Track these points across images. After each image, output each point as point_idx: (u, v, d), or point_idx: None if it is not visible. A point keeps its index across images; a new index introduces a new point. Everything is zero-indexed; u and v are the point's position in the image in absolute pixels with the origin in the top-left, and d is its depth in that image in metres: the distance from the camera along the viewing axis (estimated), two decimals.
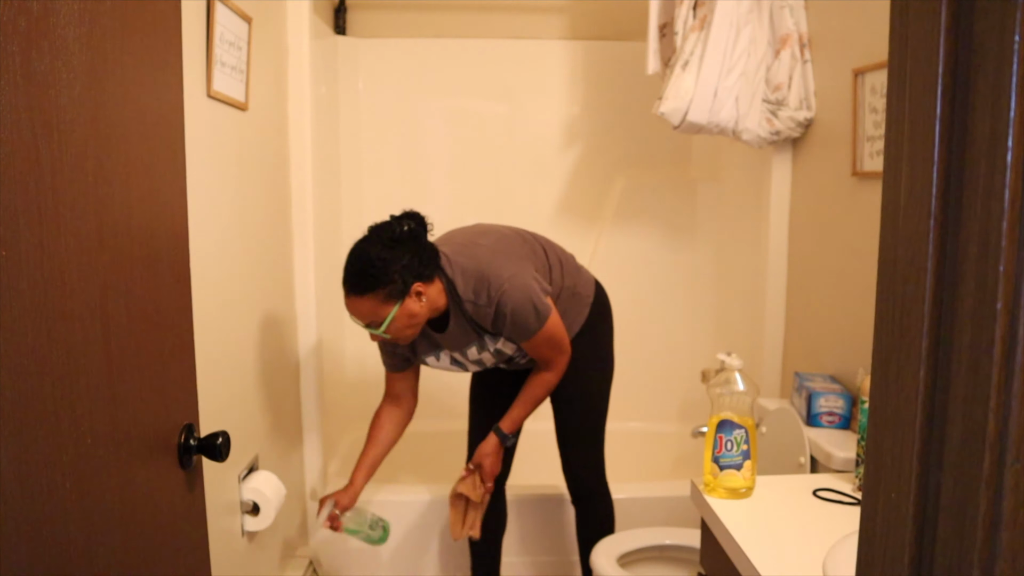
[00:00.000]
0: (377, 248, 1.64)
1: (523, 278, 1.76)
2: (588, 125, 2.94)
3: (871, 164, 1.89)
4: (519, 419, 1.95)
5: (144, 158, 0.93)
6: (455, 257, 1.76)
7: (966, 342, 0.37)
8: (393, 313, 1.66)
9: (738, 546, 1.16)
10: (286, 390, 2.13)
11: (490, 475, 1.95)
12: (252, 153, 1.82)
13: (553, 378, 1.91)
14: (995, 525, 0.36)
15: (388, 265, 1.63)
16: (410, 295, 1.66)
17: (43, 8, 0.71)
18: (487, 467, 1.95)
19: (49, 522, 0.73)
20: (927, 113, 0.37)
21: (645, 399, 3.02)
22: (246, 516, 1.74)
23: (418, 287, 1.67)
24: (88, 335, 0.80)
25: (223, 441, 1.06)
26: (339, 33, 2.83)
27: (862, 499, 0.44)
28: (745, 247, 2.63)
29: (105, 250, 0.83)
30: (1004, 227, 0.34)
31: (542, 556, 2.38)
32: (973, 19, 0.36)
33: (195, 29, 1.44)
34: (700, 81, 2.09)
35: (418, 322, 1.72)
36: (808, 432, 1.84)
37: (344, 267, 1.68)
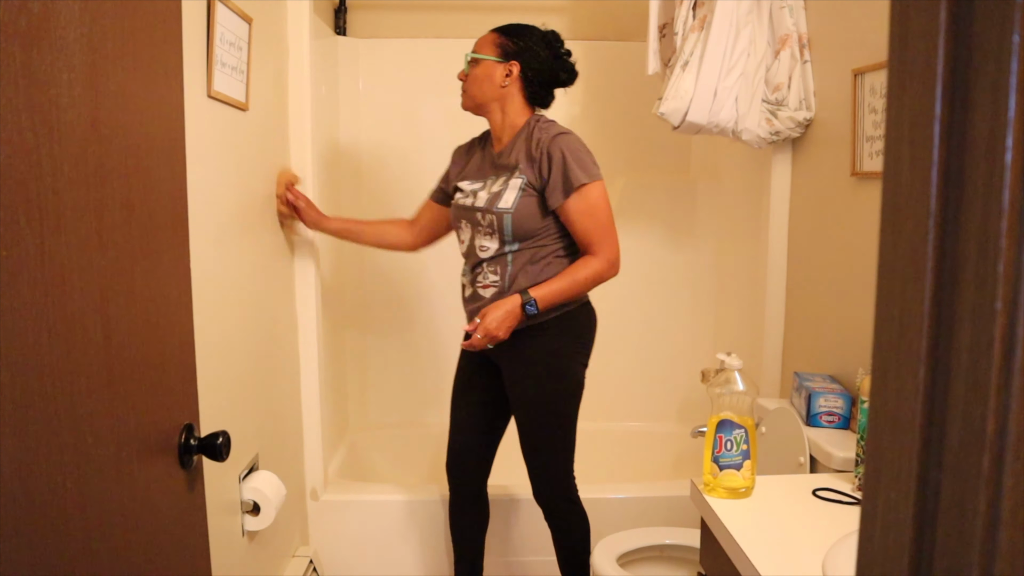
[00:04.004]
0: (538, 32, 1.87)
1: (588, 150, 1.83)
2: (588, 125, 2.94)
3: (871, 164, 1.89)
4: (552, 291, 1.76)
5: (144, 158, 0.93)
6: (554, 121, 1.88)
7: (965, 342, 0.37)
8: (487, 58, 1.85)
9: (738, 546, 1.17)
10: (286, 390, 2.13)
11: (486, 331, 1.75)
12: (252, 153, 1.82)
13: (598, 265, 1.77)
14: (995, 525, 0.36)
15: (527, 37, 1.85)
16: (506, 64, 1.84)
17: (43, 8, 0.71)
18: (487, 322, 1.75)
19: (49, 522, 0.73)
20: (926, 113, 0.37)
21: (645, 399, 3.03)
22: (246, 516, 1.74)
23: (513, 66, 1.83)
24: (88, 335, 0.80)
25: (223, 441, 1.06)
26: (339, 33, 2.83)
27: (862, 499, 0.44)
28: (745, 247, 2.63)
29: (105, 250, 0.83)
30: (1003, 227, 0.34)
31: (527, 556, 2.37)
32: (973, 19, 0.36)
33: (195, 29, 1.44)
34: (700, 81, 2.10)
35: (486, 92, 1.85)
36: (808, 432, 1.84)
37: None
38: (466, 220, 1.89)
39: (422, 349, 2.97)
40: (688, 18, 2.17)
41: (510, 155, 1.84)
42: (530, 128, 1.83)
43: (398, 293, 2.91)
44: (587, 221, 1.77)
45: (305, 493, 2.30)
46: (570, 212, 1.77)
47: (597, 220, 1.78)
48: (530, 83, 1.84)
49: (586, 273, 1.78)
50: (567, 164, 1.75)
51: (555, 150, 1.76)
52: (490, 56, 1.84)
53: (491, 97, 1.85)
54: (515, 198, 1.78)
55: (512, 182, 1.80)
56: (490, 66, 1.84)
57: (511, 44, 1.83)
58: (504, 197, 1.79)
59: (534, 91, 1.86)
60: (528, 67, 1.83)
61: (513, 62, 1.83)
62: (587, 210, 1.77)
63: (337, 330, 2.77)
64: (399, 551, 2.36)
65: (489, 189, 1.85)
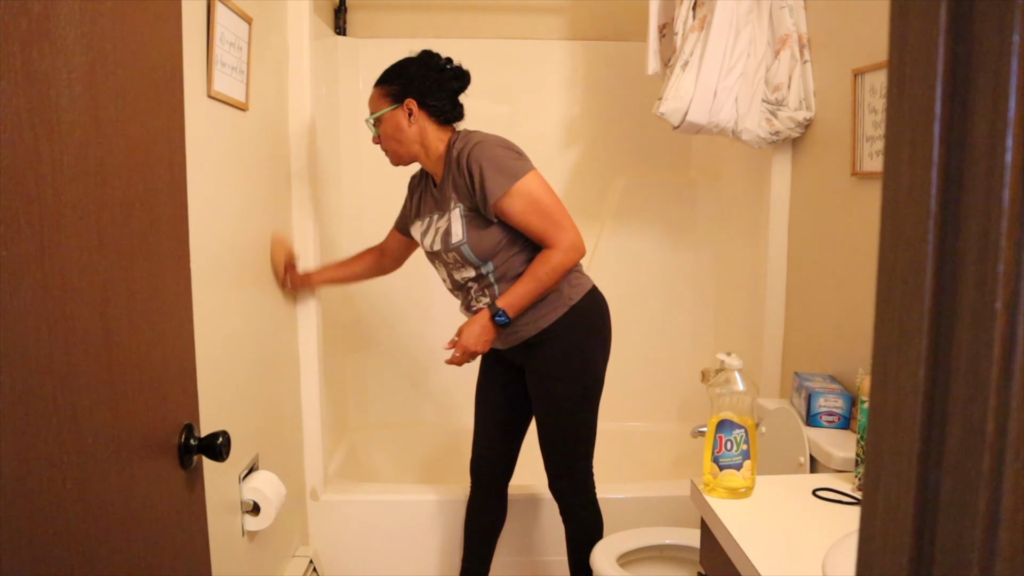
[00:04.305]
0: (412, 60, 1.85)
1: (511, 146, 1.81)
2: (588, 125, 2.94)
3: (870, 164, 1.89)
4: (518, 296, 1.77)
5: (144, 158, 0.93)
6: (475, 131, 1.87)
7: (966, 342, 0.37)
8: (383, 112, 1.84)
9: (738, 546, 1.17)
10: (286, 390, 2.13)
11: (464, 348, 1.81)
12: (252, 153, 1.82)
13: (556, 255, 1.75)
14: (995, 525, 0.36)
15: (404, 72, 1.83)
16: (402, 106, 1.82)
17: (43, 8, 0.71)
18: (464, 339, 1.81)
19: (49, 522, 0.73)
20: (926, 113, 0.37)
21: (645, 399, 3.03)
22: (246, 516, 1.74)
23: (411, 104, 1.81)
24: (88, 335, 0.80)
25: (223, 441, 1.06)
26: (339, 33, 2.83)
27: (862, 499, 0.44)
28: (745, 247, 2.63)
29: (105, 250, 0.83)
30: (1003, 227, 0.34)
31: (535, 556, 2.38)
32: (972, 19, 0.36)
33: (195, 29, 1.44)
34: (700, 81, 2.10)
35: (403, 140, 1.84)
36: (808, 432, 1.84)
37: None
38: (437, 261, 1.92)
39: (422, 349, 2.97)
40: (688, 18, 2.17)
41: (444, 187, 1.85)
42: (451, 151, 1.83)
43: (398, 292, 2.91)
44: (530, 218, 1.75)
45: (305, 493, 2.30)
46: (509, 217, 1.76)
47: (540, 212, 1.75)
48: (432, 109, 1.83)
49: (546, 268, 1.77)
50: (485, 175, 1.73)
51: (473, 165, 1.75)
52: (385, 108, 1.83)
53: (410, 142, 1.84)
54: (461, 227, 1.81)
55: (452, 214, 1.82)
56: (391, 117, 1.83)
57: (395, 87, 1.82)
58: (452, 231, 1.82)
59: (439, 113, 1.84)
60: (421, 96, 1.81)
61: (407, 100, 1.81)
62: (525, 208, 1.75)
63: (337, 330, 2.77)
64: (399, 551, 2.36)
65: (435, 227, 1.87)
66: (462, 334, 1.82)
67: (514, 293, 1.78)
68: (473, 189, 1.76)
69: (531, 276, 1.78)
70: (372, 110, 1.86)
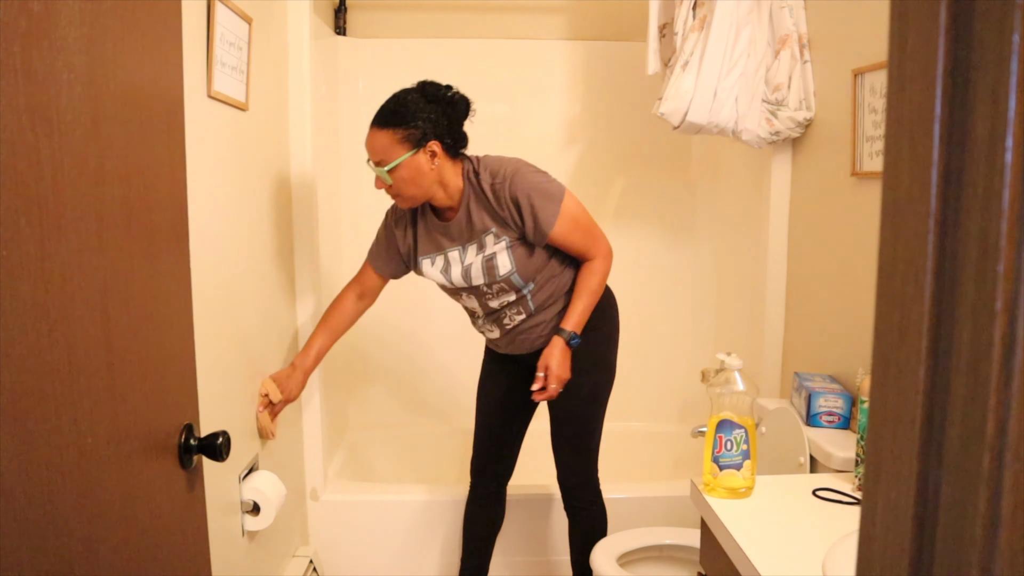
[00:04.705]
0: (416, 95, 1.71)
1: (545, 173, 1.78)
2: (588, 125, 2.94)
3: (871, 164, 1.89)
4: (580, 314, 1.81)
5: (144, 158, 0.93)
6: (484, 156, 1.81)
7: (966, 342, 0.37)
8: (403, 158, 1.68)
9: (738, 546, 1.17)
10: None
11: (558, 379, 1.79)
12: (252, 153, 1.82)
13: (601, 265, 1.81)
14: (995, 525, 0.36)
15: (418, 111, 1.68)
16: (424, 148, 1.69)
17: (43, 8, 0.71)
18: (554, 369, 1.79)
19: (49, 522, 0.73)
20: (926, 113, 0.37)
21: (645, 399, 3.03)
22: (246, 516, 1.74)
23: (434, 146, 1.70)
24: (88, 335, 0.80)
25: (223, 441, 1.06)
26: (339, 33, 2.83)
27: (862, 499, 0.44)
28: (745, 247, 2.63)
29: (105, 250, 0.83)
30: (1003, 227, 0.34)
31: (533, 556, 2.38)
32: (973, 19, 0.36)
33: (195, 29, 1.44)
34: (700, 81, 2.10)
35: (423, 185, 1.72)
36: (808, 432, 1.84)
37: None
38: (466, 293, 1.86)
39: (422, 349, 2.97)
40: (688, 18, 2.17)
41: (470, 223, 1.77)
42: (475, 186, 1.76)
43: (398, 292, 2.91)
44: (574, 236, 1.79)
45: (305, 493, 2.30)
46: (558, 240, 1.78)
47: (582, 229, 1.79)
48: (450, 146, 1.73)
49: (597, 279, 1.83)
50: (534, 206, 1.72)
51: (521, 198, 1.71)
52: (404, 155, 1.69)
53: (430, 184, 1.73)
54: (508, 258, 1.77)
55: (497, 246, 1.77)
56: (410, 163, 1.69)
57: (413, 130, 1.68)
58: (499, 264, 1.77)
59: (456, 148, 1.76)
60: (441, 136, 1.70)
61: (429, 142, 1.69)
62: (570, 229, 1.77)
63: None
64: (399, 551, 2.36)
65: (463, 262, 1.80)
66: (550, 368, 1.78)
67: (576, 313, 1.81)
68: (522, 221, 1.73)
69: (586, 292, 1.82)
70: (384, 157, 1.69)
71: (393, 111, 1.69)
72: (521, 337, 1.89)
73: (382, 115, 1.71)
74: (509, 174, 1.74)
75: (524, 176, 1.74)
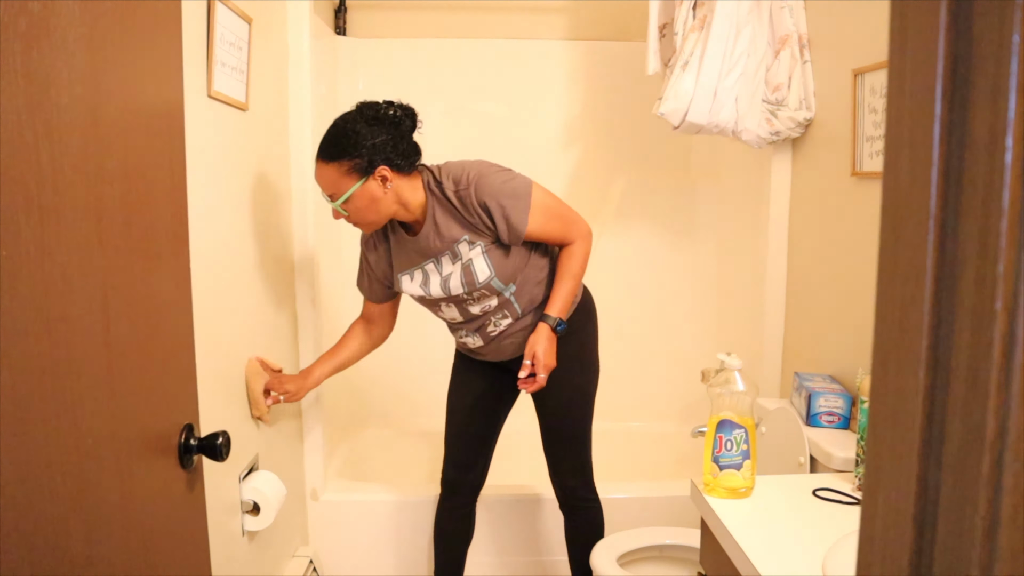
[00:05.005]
0: (355, 122, 1.64)
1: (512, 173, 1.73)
2: (588, 125, 2.94)
3: (871, 164, 1.89)
4: (563, 299, 1.77)
5: (144, 158, 0.93)
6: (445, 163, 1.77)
7: (966, 342, 0.37)
8: (354, 189, 1.64)
9: (738, 546, 1.17)
10: None
11: (546, 367, 1.74)
12: (252, 153, 1.82)
13: (581, 247, 1.79)
14: (995, 525, 0.36)
15: (360, 139, 1.62)
16: (374, 176, 1.64)
17: (43, 8, 0.71)
18: (541, 356, 1.74)
19: (49, 522, 0.73)
20: (926, 113, 0.37)
21: (645, 399, 3.03)
22: (246, 516, 1.74)
23: (384, 171, 1.64)
24: (88, 335, 0.80)
25: (223, 441, 1.06)
26: (339, 33, 2.83)
27: (862, 499, 0.44)
28: (745, 247, 2.63)
29: (105, 250, 0.83)
30: (1003, 227, 0.34)
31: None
32: (973, 19, 0.36)
33: (195, 29, 1.44)
34: (700, 81, 2.10)
35: (380, 210, 1.68)
36: (808, 432, 1.84)
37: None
38: (444, 304, 1.82)
39: (422, 349, 2.97)
40: (688, 18, 2.17)
41: (439, 234, 1.73)
42: (439, 196, 1.72)
43: None
44: (550, 227, 1.75)
45: (305, 493, 2.30)
46: (535, 235, 1.75)
47: (556, 218, 1.76)
48: (401, 166, 1.67)
49: (579, 262, 1.79)
50: (504, 207, 1.68)
51: (489, 202, 1.68)
52: (353, 186, 1.64)
53: (387, 207, 1.68)
54: (486, 263, 1.73)
55: (472, 253, 1.73)
56: (362, 192, 1.65)
57: (358, 160, 1.62)
58: (477, 270, 1.73)
59: (409, 165, 1.70)
60: (389, 158, 1.65)
61: (378, 168, 1.64)
62: (544, 220, 1.74)
63: (337, 330, 2.77)
64: (399, 551, 2.36)
65: (439, 273, 1.77)
66: (537, 356, 1.74)
67: (560, 298, 1.77)
68: (494, 224, 1.70)
69: (569, 275, 1.78)
70: (334, 191, 1.65)
71: (335, 143, 1.64)
72: (508, 342, 1.85)
73: (325, 148, 1.65)
74: (473, 179, 1.69)
75: (488, 179, 1.69)
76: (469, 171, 1.71)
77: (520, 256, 1.78)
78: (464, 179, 1.70)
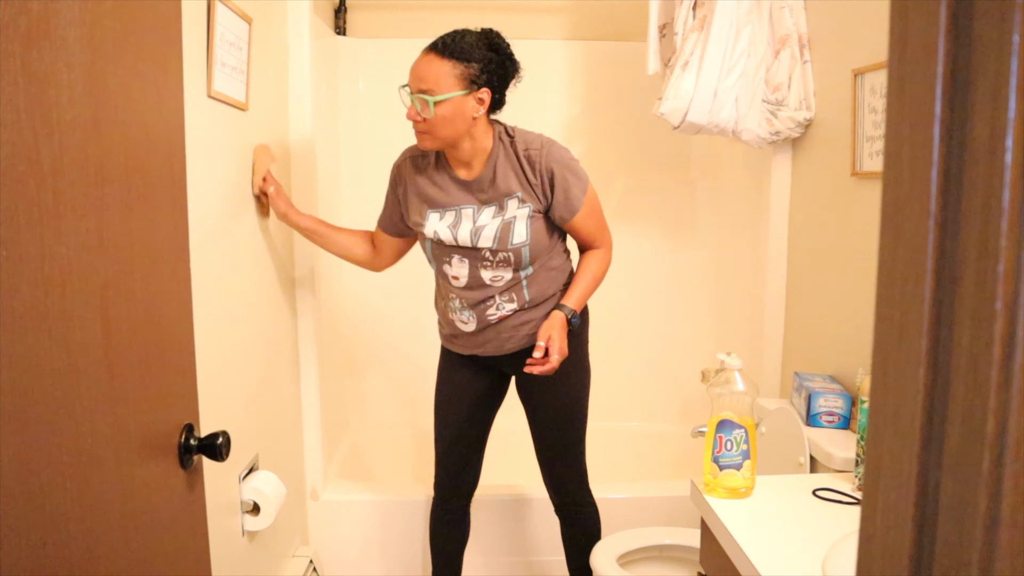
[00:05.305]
0: (479, 39, 1.66)
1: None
2: (588, 125, 2.94)
3: (871, 164, 1.89)
4: (582, 297, 1.79)
5: (144, 158, 0.93)
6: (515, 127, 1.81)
7: (966, 342, 0.37)
8: (453, 95, 1.63)
9: (738, 546, 1.17)
10: (286, 390, 2.13)
11: (561, 351, 1.71)
12: (252, 153, 1.82)
13: (606, 255, 1.84)
14: (995, 525, 0.36)
15: (480, 51, 1.64)
16: (475, 93, 1.65)
17: (43, 8, 0.71)
18: (556, 340, 1.71)
19: (49, 522, 0.73)
20: (926, 113, 0.37)
21: (645, 399, 3.03)
22: (246, 516, 1.74)
23: (484, 93, 1.66)
24: (88, 335, 0.80)
25: (223, 441, 1.06)
26: (339, 33, 2.83)
27: (862, 499, 0.44)
28: (745, 247, 2.63)
29: (105, 250, 0.83)
30: (1004, 227, 0.34)
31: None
32: (973, 19, 0.36)
33: (195, 29, 1.44)
34: (700, 81, 2.10)
35: (458, 129, 1.67)
36: (808, 432, 1.84)
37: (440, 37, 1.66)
38: (459, 256, 1.77)
39: (422, 349, 2.97)
40: (688, 18, 2.17)
41: (494, 183, 1.73)
42: (507, 148, 1.74)
43: (398, 292, 2.91)
44: (590, 222, 1.80)
45: (305, 493, 2.30)
46: (578, 223, 1.78)
47: (596, 217, 1.82)
48: (496, 101, 1.71)
49: (602, 267, 1.84)
50: (568, 183, 1.72)
51: (555, 168, 1.71)
52: (457, 92, 1.63)
53: (463, 132, 1.68)
54: (526, 228, 1.72)
55: (518, 212, 1.72)
56: (459, 101, 1.64)
57: (474, 70, 1.63)
58: (516, 231, 1.72)
59: (498, 105, 1.73)
60: (494, 88, 1.68)
61: (483, 88, 1.65)
62: (588, 214, 1.79)
63: (337, 329, 2.77)
64: (399, 551, 2.36)
65: (475, 221, 1.74)
66: (552, 339, 1.70)
67: (578, 291, 1.79)
68: (552, 193, 1.72)
69: (590, 274, 1.81)
70: (435, 88, 1.62)
71: (458, 43, 1.63)
72: (505, 335, 1.82)
73: (445, 45, 1.63)
74: (546, 144, 1.74)
75: (560, 151, 1.74)
76: (542, 139, 1.76)
77: (552, 239, 1.80)
78: (537, 143, 1.74)
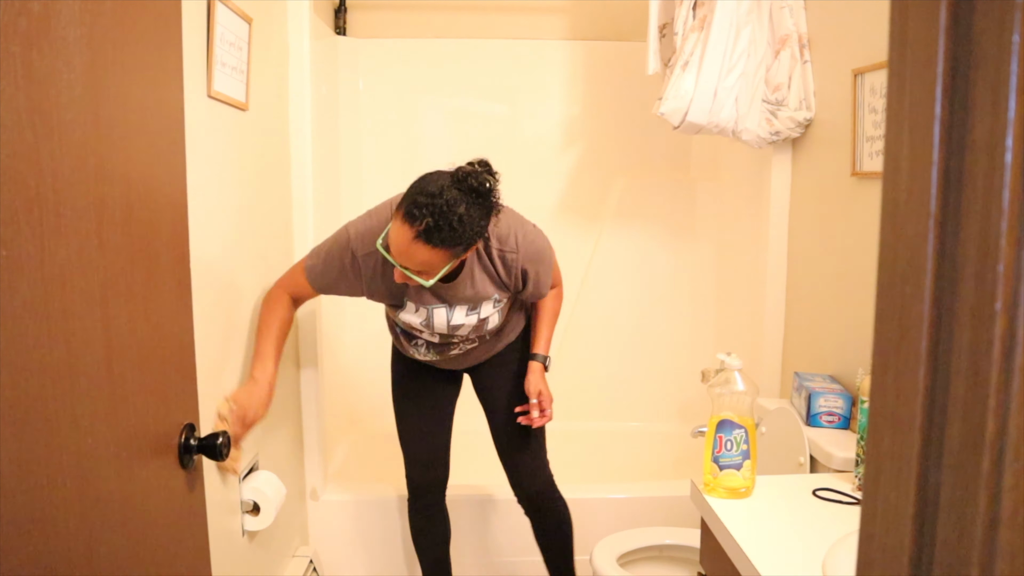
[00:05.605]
0: (463, 205, 1.50)
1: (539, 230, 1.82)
2: (588, 125, 2.94)
3: (871, 164, 1.89)
4: (548, 338, 1.95)
5: (144, 158, 0.93)
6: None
7: (965, 342, 0.37)
8: (448, 268, 1.58)
9: (738, 546, 1.17)
10: (286, 390, 2.13)
11: (550, 400, 1.89)
12: (252, 153, 1.82)
13: (559, 290, 1.97)
14: (995, 525, 0.36)
15: (471, 226, 1.52)
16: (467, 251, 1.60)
17: (43, 8, 0.71)
18: (547, 393, 1.89)
19: (49, 522, 0.73)
20: (926, 113, 0.37)
21: (645, 399, 3.03)
22: (246, 516, 1.74)
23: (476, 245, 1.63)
24: (88, 335, 0.80)
25: (223, 441, 1.06)
26: (339, 33, 2.83)
27: (862, 499, 0.44)
28: (745, 247, 2.63)
29: (105, 250, 0.83)
30: (1004, 227, 0.34)
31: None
32: (973, 19, 0.36)
33: (195, 29, 1.44)
34: (700, 81, 2.10)
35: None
36: (808, 432, 1.84)
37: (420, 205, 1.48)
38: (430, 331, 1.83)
39: None
40: (688, 18, 2.17)
41: (473, 289, 1.73)
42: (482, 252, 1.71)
43: None
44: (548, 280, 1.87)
45: (305, 493, 2.30)
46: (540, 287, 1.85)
47: (555, 269, 1.88)
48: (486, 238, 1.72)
49: (558, 303, 1.98)
50: (539, 274, 1.78)
51: (528, 268, 1.75)
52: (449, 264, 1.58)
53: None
54: (500, 314, 1.83)
55: (493, 309, 1.81)
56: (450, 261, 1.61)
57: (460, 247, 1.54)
58: (490, 320, 1.82)
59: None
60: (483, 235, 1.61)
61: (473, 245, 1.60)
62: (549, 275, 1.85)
63: (337, 329, 2.77)
64: (399, 551, 2.36)
65: (447, 318, 1.76)
66: (543, 393, 1.88)
67: (544, 337, 1.94)
68: (524, 286, 1.79)
69: (552, 315, 1.96)
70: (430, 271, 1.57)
71: (440, 230, 1.49)
72: (472, 356, 1.94)
73: (430, 234, 1.49)
74: (522, 245, 1.72)
75: (533, 248, 1.74)
76: (518, 235, 1.72)
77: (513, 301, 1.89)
78: (512, 243, 1.72)
